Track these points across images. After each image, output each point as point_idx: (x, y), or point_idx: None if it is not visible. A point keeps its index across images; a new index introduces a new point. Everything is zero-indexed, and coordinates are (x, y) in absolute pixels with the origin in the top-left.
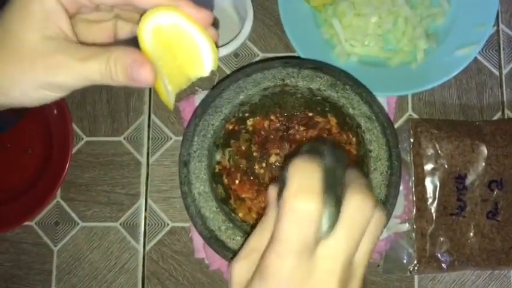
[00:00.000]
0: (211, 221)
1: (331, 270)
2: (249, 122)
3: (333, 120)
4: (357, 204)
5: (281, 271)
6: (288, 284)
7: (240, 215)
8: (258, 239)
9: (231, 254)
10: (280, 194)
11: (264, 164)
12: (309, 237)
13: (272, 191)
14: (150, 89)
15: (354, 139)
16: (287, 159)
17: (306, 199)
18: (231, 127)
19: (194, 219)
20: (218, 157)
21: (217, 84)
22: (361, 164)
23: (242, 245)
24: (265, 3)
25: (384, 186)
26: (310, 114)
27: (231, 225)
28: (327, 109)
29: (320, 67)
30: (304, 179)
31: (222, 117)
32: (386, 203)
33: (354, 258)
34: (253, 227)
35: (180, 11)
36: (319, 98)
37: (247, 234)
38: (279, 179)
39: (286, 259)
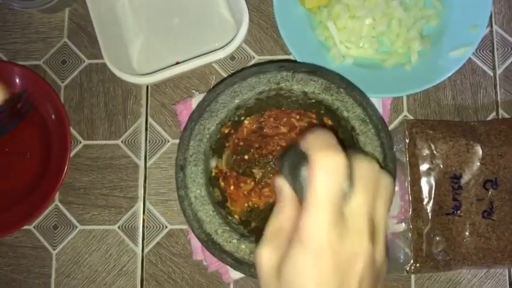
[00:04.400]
0: (207, 224)
1: (360, 225)
2: (246, 122)
3: (329, 123)
4: (366, 167)
5: (319, 231)
6: (328, 243)
7: (236, 217)
8: (279, 219)
9: (228, 257)
10: (289, 177)
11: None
12: (338, 191)
13: (279, 179)
14: (147, 92)
15: None
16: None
17: (333, 153)
18: (226, 131)
19: (191, 222)
20: (214, 161)
21: (213, 88)
22: None
23: (238, 247)
24: (261, 6)
25: None
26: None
27: (227, 228)
28: (322, 112)
29: (314, 70)
30: (326, 139)
31: (217, 122)
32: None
33: (375, 216)
34: (249, 229)
35: None
36: (314, 101)
37: (243, 237)
38: (281, 167)
39: (322, 218)
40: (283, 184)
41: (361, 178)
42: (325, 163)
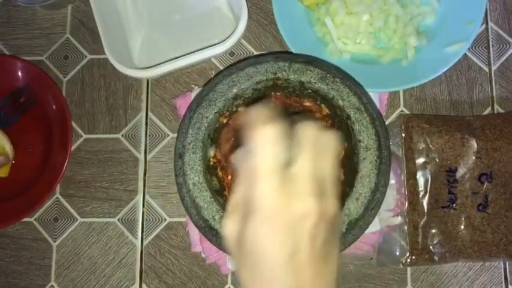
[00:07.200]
0: (205, 210)
1: (304, 186)
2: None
3: (325, 110)
4: (305, 130)
5: (266, 198)
6: (276, 207)
7: None
8: (238, 192)
9: (224, 243)
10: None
11: None
12: (276, 158)
13: (233, 156)
14: (147, 86)
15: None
16: None
17: (264, 124)
18: (224, 121)
19: (189, 210)
20: (212, 150)
21: (211, 79)
22: (352, 154)
23: None
24: (260, 3)
25: (373, 174)
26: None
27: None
28: (318, 102)
29: (310, 61)
30: (259, 113)
31: (215, 110)
32: (376, 191)
33: (321, 174)
34: None
35: None
36: (310, 91)
37: None
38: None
39: (266, 185)
40: (236, 158)
41: (301, 142)
42: (258, 135)
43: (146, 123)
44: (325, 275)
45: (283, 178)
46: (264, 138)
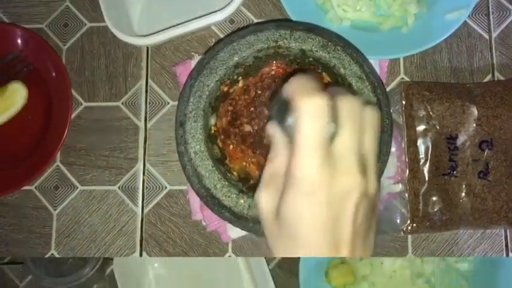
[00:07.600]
0: (207, 179)
1: (349, 162)
2: (240, 84)
3: (327, 79)
4: (348, 104)
5: (310, 173)
6: (319, 182)
7: (235, 174)
8: (274, 164)
9: (226, 212)
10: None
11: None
12: (323, 133)
13: (271, 125)
14: (147, 54)
15: None
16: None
17: (314, 96)
18: (225, 89)
19: (191, 178)
20: (213, 118)
21: (211, 47)
22: None
23: (237, 202)
24: None
25: None
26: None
27: (226, 183)
28: (319, 70)
29: (312, 29)
30: (306, 84)
31: (216, 79)
32: (378, 161)
33: (363, 150)
34: (248, 186)
35: None
36: (311, 59)
37: (241, 192)
38: (270, 113)
39: (311, 160)
40: (275, 130)
41: (344, 116)
42: (308, 107)
43: (146, 91)
44: (363, 251)
45: (326, 153)
46: (311, 111)
